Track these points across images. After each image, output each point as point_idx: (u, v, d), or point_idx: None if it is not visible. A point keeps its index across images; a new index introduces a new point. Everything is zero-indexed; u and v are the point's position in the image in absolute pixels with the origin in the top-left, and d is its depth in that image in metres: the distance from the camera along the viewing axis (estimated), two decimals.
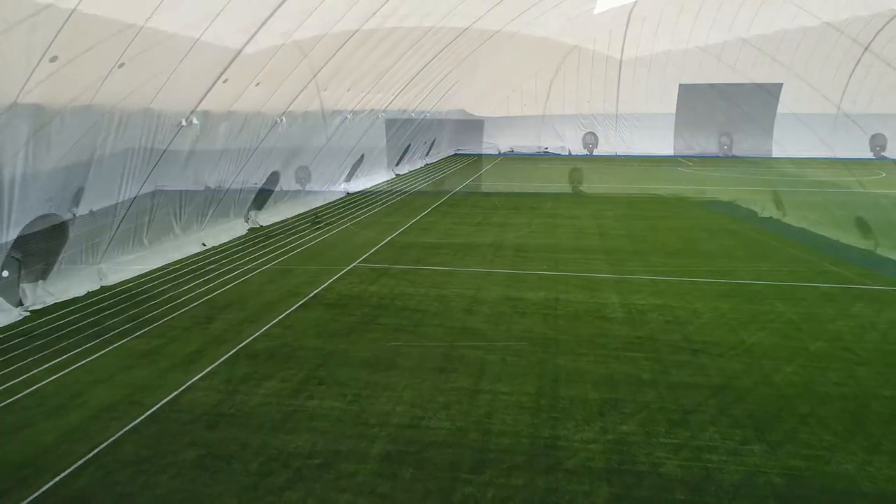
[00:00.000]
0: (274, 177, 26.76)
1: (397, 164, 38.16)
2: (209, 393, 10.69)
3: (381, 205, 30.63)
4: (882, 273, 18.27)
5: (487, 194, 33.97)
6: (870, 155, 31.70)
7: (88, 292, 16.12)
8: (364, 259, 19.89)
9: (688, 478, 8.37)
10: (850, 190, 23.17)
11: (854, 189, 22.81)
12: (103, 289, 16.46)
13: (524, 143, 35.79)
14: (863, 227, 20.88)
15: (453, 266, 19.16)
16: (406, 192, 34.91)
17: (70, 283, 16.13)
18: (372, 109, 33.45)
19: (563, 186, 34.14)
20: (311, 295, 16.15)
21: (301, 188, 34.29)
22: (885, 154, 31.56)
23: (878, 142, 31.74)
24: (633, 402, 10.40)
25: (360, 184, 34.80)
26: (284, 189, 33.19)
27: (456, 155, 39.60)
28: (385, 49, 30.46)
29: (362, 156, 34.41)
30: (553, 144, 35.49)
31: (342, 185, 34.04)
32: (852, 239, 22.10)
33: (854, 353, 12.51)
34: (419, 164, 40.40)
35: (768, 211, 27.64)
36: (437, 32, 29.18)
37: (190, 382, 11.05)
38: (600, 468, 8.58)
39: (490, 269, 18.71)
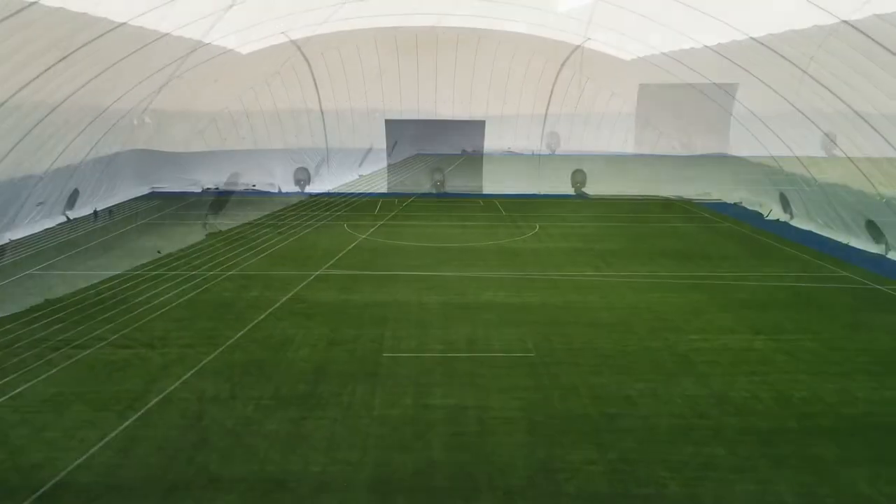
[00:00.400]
0: (233, 178, 25.70)
1: (360, 165, 37.07)
2: (176, 416, 9.87)
3: (347, 207, 29.62)
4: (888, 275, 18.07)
5: (454, 196, 33.24)
6: (571, 192, 32.02)
7: (32, 306, 14.75)
8: (333, 264, 19.05)
9: (696, 499, 7.92)
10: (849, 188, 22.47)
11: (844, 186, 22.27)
12: (48, 302, 15.18)
13: (486, 143, 34.56)
14: (872, 229, 20.33)
15: (430, 271, 18.52)
16: (372, 192, 33.91)
17: (8, 299, 15.06)
18: (337, 110, 32.57)
19: (539, 186, 33.50)
20: (279, 303, 15.32)
21: (300, 190, 33.13)
22: (585, 191, 31.91)
23: (577, 178, 32.28)
24: (630, 416, 9.93)
25: (323, 185, 33.52)
26: (245, 191, 32.15)
27: (419, 156, 38.45)
28: (351, 48, 29.73)
29: (322, 158, 33.36)
30: (515, 144, 34.47)
31: (305, 187, 33.16)
32: (860, 242, 21.40)
33: (852, 358, 12.27)
34: (382, 164, 38.67)
35: (775, 214, 27.01)
36: (404, 32, 28.54)
37: (153, 402, 10.22)
38: (604, 494, 8.07)
39: (469, 274, 18.11)
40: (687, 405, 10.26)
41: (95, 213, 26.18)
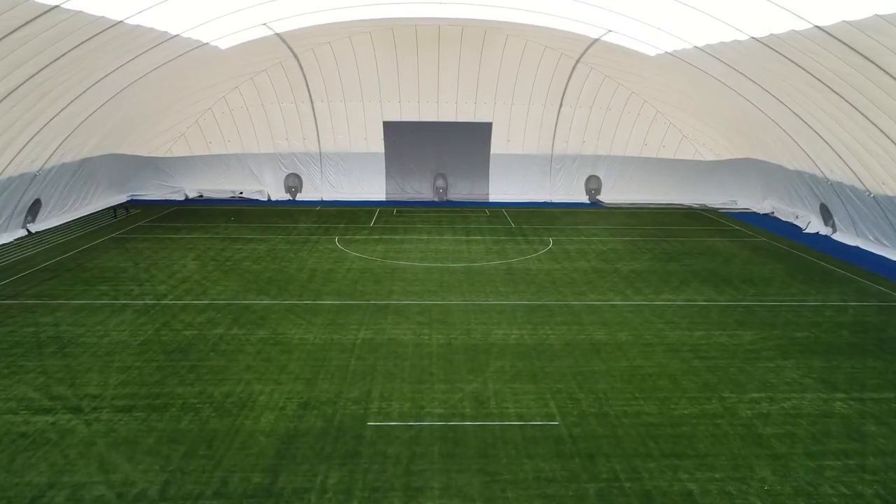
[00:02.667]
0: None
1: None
2: None
3: (340, 217, 26.98)
4: None
5: (458, 205, 30.58)
6: (584, 199, 28.69)
7: None
8: (318, 290, 16.50)
9: None
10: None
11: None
12: None
13: (493, 146, 31.36)
14: None
15: (431, 299, 15.95)
16: (369, 201, 31.17)
17: None
18: (330, 111, 29.89)
19: (551, 194, 30.69)
20: (249, 345, 12.80)
21: (291, 198, 30.08)
22: (600, 198, 28.74)
23: (592, 185, 29.49)
24: None
25: (317, 193, 30.49)
26: (231, 199, 29.43)
27: (419, 160, 34.25)
28: (344, 42, 27.19)
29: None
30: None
31: (297, 194, 30.49)
32: None
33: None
34: (381, 169, 34.09)
35: (813, 226, 24.25)
36: (402, 24, 25.93)
37: None
38: None
39: (476, 302, 15.53)
40: None
41: (114, 210, 25.69)
